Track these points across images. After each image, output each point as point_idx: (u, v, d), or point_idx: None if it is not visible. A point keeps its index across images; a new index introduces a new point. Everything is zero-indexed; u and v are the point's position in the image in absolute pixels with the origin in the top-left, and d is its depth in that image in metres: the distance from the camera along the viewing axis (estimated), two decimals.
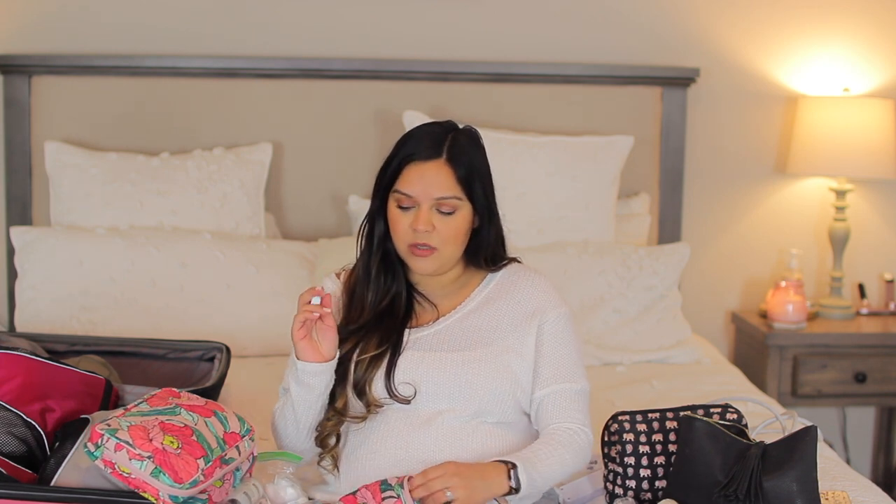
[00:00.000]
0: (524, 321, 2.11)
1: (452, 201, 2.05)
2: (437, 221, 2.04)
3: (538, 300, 2.13)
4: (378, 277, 2.12)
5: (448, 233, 2.05)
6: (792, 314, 3.58)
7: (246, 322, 3.17)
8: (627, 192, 3.67)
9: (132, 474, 1.80)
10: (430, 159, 2.04)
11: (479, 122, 3.49)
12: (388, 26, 3.63)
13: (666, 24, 3.71)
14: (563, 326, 2.13)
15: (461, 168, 2.05)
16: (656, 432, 2.10)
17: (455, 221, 2.06)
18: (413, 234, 2.05)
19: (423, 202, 2.04)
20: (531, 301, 2.13)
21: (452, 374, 2.04)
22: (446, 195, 2.04)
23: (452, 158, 2.05)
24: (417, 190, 2.03)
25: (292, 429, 2.09)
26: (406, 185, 2.04)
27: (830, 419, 3.89)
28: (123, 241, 3.19)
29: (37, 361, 2.10)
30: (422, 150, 2.05)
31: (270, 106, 3.57)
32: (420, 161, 2.04)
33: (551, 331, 2.11)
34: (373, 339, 2.08)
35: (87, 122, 3.50)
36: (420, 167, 2.04)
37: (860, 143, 3.59)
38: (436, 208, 2.04)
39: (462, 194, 2.05)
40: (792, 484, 1.89)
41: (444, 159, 2.05)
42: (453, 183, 2.04)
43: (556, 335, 2.11)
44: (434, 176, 2.03)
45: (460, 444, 2.02)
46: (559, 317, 2.13)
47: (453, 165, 2.05)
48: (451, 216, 2.05)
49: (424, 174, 2.03)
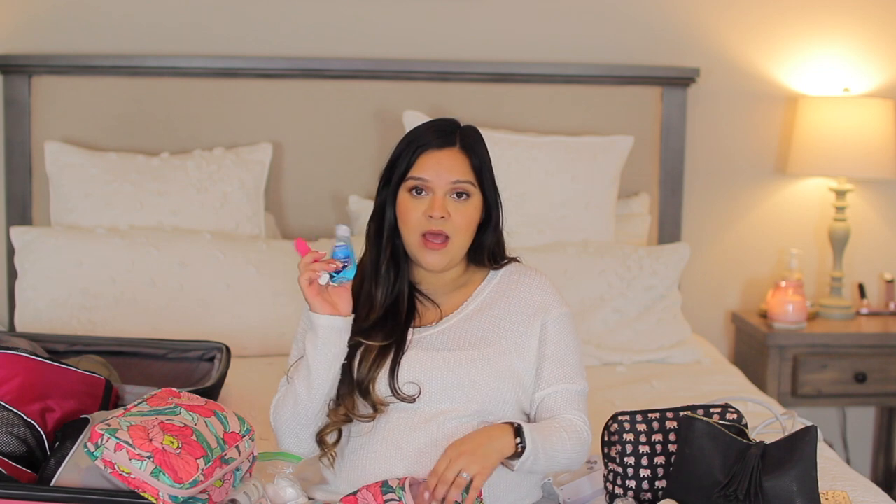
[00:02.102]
0: (526, 321, 2.11)
1: (468, 185, 2.07)
2: (452, 208, 2.06)
3: (540, 300, 2.13)
4: (388, 274, 2.12)
5: (461, 221, 2.07)
6: (792, 314, 3.58)
7: (246, 322, 3.17)
8: (627, 192, 3.67)
9: (132, 474, 1.80)
10: (445, 147, 2.08)
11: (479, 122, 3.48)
12: (388, 26, 3.63)
13: (666, 24, 3.71)
14: (564, 327, 2.13)
15: (475, 157, 2.09)
16: (656, 432, 2.10)
17: (468, 209, 2.08)
18: (427, 221, 2.06)
19: (439, 188, 2.06)
20: (533, 300, 2.13)
21: (456, 373, 2.04)
22: (462, 178, 2.07)
23: (466, 147, 2.09)
24: (433, 174, 2.06)
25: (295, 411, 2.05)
26: (422, 170, 2.07)
27: (830, 419, 3.89)
28: (123, 241, 3.19)
29: (37, 361, 2.10)
30: (434, 139, 2.09)
31: (270, 106, 3.57)
32: (435, 149, 2.08)
33: (553, 331, 2.12)
34: (377, 338, 2.08)
35: (87, 122, 3.50)
36: (436, 154, 2.07)
37: (860, 143, 3.59)
38: (451, 193, 2.06)
39: (475, 181, 2.09)
40: (792, 484, 1.89)
41: (458, 147, 2.09)
42: (468, 169, 2.08)
43: (558, 335, 2.12)
44: (450, 161, 2.07)
45: None
46: (561, 316, 2.13)
47: (468, 154, 2.09)
48: (466, 203, 2.07)
49: (441, 160, 2.07)
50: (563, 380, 2.09)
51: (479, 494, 1.91)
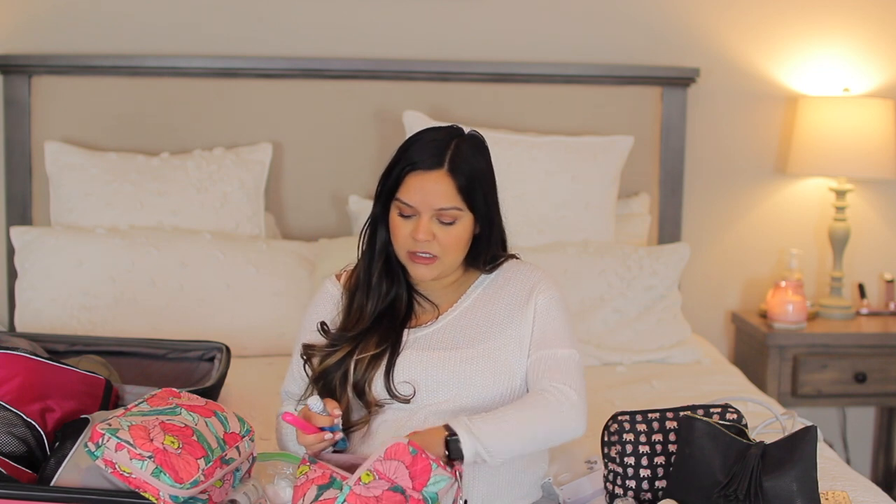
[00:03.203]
0: (519, 308, 2.11)
1: (452, 212, 2.04)
2: (438, 231, 2.05)
3: (531, 286, 2.13)
4: (379, 284, 2.12)
5: (448, 242, 2.05)
6: (792, 314, 3.58)
7: (246, 322, 3.17)
8: (627, 192, 3.67)
9: (133, 474, 1.80)
10: (432, 169, 2.03)
11: (479, 122, 3.50)
12: (388, 26, 3.63)
13: (666, 24, 3.71)
14: (553, 305, 2.11)
15: (462, 178, 2.04)
16: (656, 432, 2.10)
17: (455, 231, 2.06)
18: (413, 242, 2.05)
19: (424, 212, 2.04)
20: (525, 288, 2.13)
21: (451, 371, 2.05)
22: (446, 206, 2.04)
23: (454, 169, 2.04)
24: (417, 200, 2.03)
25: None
26: (406, 194, 2.04)
27: (830, 419, 3.89)
28: (123, 241, 3.19)
29: (37, 361, 2.10)
30: (424, 159, 2.04)
31: (270, 106, 3.57)
32: (421, 171, 2.04)
33: (542, 309, 2.10)
34: (372, 339, 2.08)
35: (87, 122, 3.50)
36: (421, 177, 2.03)
37: (860, 143, 3.59)
38: (436, 218, 2.04)
39: (462, 205, 2.05)
40: (792, 484, 1.89)
41: (445, 170, 2.04)
42: (454, 194, 2.04)
43: (546, 312, 2.10)
44: (434, 186, 2.03)
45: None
46: (550, 298, 2.12)
47: (454, 176, 2.04)
48: (452, 226, 2.05)
49: (425, 185, 2.03)
50: (542, 346, 2.07)
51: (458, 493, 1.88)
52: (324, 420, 1.94)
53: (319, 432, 1.92)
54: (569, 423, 2.00)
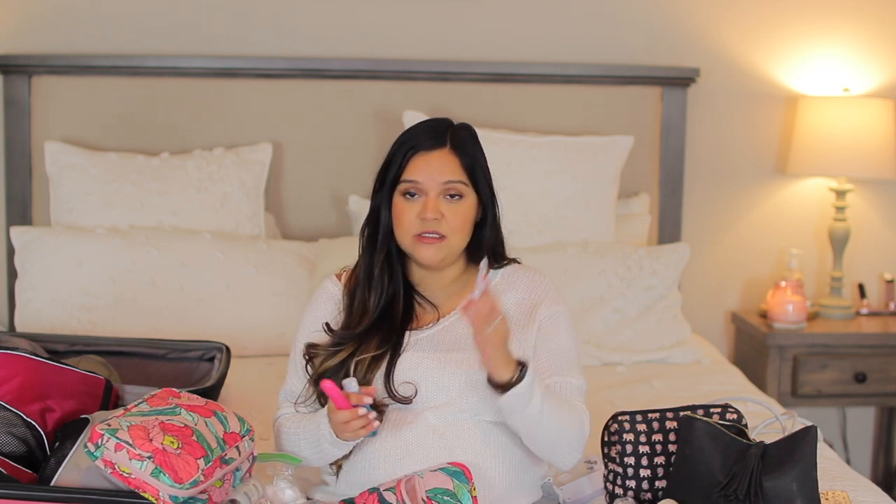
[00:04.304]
0: (524, 318, 2.11)
1: (459, 185, 2.07)
2: (446, 208, 2.06)
3: (537, 297, 2.13)
4: (381, 278, 2.12)
5: (456, 220, 2.07)
6: (792, 314, 3.58)
7: (246, 322, 3.17)
8: (627, 192, 3.67)
9: (132, 474, 1.80)
10: (435, 148, 2.08)
11: (479, 122, 3.48)
12: (388, 26, 3.63)
13: (666, 24, 3.71)
14: (561, 323, 2.13)
15: (466, 157, 2.09)
16: (656, 432, 2.10)
17: (462, 208, 2.08)
18: (420, 223, 2.06)
19: (431, 189, 2.06)
20: (531, 298, 2.13)
21: (451, 373, 2.04)
22: (453, 179, 2.06)
23: (456, 147, 2.09)
24: (424, 176, 2.06)
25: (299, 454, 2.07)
26: (413, 173, 2.07)
27: (830, 419, 3.89)
28: (123, 241, 3.19)
29: (37, 361, 2.10)
30: (425, 140, 2.08)
31: (270, 106, 3.57)
32: (425, 151, 2.07)
33: (550, 326, 2.11)
34: (373, 340, 2.08)
35: (87, 122, 3.50)
36: (426, 156, 2.07)
37: (860, 143, 3.59)
38: (443, 194, 2.06)
39: (467, 181, 2.08)
40: (792, 484, 1.89)
41: (448, 148, 2.08)
42: (459, 169, 2.08)
43: (555, 330, 2.11)
44: (440, 162, 2.07)
45: (457, 442, 2.02)
46: (558, 314, 2.13)
47: (458, 154, 2.08)
48: (459, 202, 2.07)
49: (431, 161, 2.07)
50: (558, 372, 2.08)
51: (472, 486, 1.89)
52: (357, 400, 1.95)
53: (353, 408, 1.93)
54: (576, 441, 2.04)
